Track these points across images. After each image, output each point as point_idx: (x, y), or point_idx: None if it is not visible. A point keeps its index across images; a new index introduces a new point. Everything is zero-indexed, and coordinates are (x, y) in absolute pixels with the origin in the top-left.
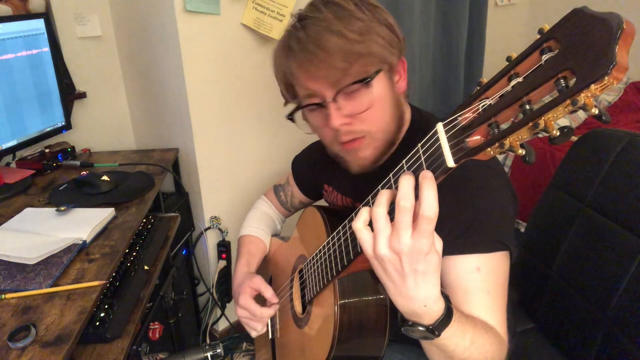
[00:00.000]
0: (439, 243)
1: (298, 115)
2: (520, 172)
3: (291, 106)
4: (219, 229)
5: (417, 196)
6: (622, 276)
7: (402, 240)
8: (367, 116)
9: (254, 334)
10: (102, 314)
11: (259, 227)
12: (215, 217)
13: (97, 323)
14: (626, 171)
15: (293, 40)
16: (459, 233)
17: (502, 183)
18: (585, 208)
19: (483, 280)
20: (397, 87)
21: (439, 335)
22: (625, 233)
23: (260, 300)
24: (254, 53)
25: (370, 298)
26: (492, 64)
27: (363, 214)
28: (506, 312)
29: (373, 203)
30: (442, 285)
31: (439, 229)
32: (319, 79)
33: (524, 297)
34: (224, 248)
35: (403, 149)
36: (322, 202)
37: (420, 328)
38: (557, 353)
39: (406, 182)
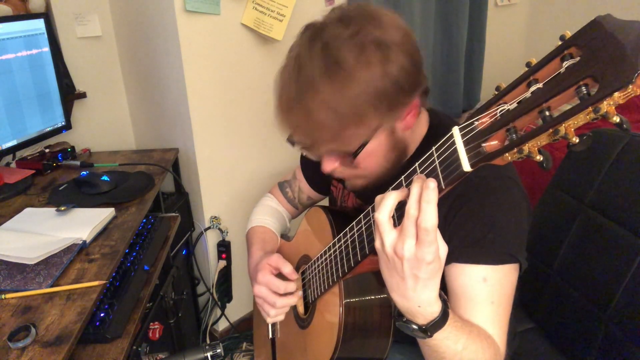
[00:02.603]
0: (443, 250)
1: None
2: (520, 173)
3: None
4: (219, 229)
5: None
6: (622, 276)
7: (406, 246)
8: (359, 166)
9: (271, 316)
10: (102, 314)
11: (269, 219)
12: (215, 217)
13: (97, 323)
14: (626, 171)
15: (285, 89)
16: (470, 242)
17: (520, 196)
18: (585, 208)
19: (488, 291)
20: (402, 125)
21: (431, 336)
22: (625, 233)
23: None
24: (254, 53)
25: (375, 299)
26: (492, 64)
27: (388, 205)
28: (508, 324)
29: (380, 205)
30: (447, 291)
31: (452, 235)
32: (305, 141)
33: (524, 297)
34: (224, 248)
35: (419, 155)
36: (326, 202)
37: (414, 326)
38: (557, 353)
39: (417, 189)
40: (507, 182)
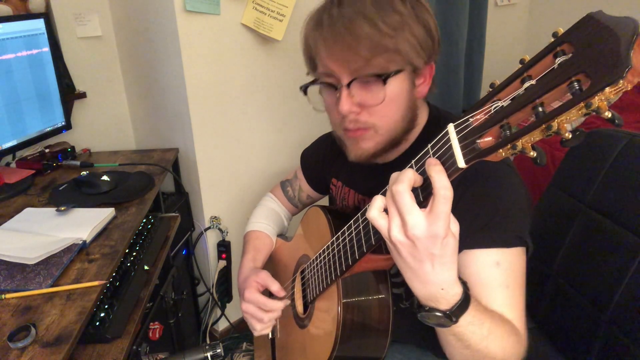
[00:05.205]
0: (455, 226)
1: (314, 89)
2: (519, 172)
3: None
4: (219, 229)
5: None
6: (622, 276)
7: (416, 224)
8: (377, 110)
9: (258, 330)
10: (102, 314)
11: (265, 223)
12: (215, 217)
13: (97, 323)
14: (626, 171)
15: (326, 14)
16: (478, 227)
17: (519, 181)
18: (585, 208)
19: (502, 274)
20: (417, 90)
21: (456, 321)
22: (625, 233)
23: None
24: (254, 53)
25: (373, 298)
26: (492, 64)
27: (377, 201)
28: (524, 308)
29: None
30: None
31: (459, 221)
32: (338, 62)
33: (524, 297)
34: (224, 248)
35: (417, 147)
36: (326, 202)
37: (438, 314)
38: (557, 353)
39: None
40: (505, 168)
